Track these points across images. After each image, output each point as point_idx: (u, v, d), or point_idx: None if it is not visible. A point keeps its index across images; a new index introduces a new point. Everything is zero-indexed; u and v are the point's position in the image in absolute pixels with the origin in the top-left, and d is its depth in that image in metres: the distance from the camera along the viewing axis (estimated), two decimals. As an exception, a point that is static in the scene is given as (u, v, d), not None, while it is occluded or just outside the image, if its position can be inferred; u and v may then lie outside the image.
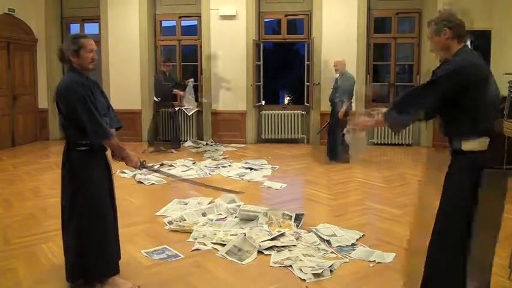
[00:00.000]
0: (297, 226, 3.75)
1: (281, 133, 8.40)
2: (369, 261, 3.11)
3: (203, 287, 2.80)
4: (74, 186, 2.66)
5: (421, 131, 7.92)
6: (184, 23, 8.84)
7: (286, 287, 2.79)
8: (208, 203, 4.42)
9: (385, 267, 3.02)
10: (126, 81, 8.58)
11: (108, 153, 2.82)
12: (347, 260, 3.13)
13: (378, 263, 3.08)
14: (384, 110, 2.30)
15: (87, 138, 2.61)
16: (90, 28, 9.02)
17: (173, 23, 8.82)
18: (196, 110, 8.32)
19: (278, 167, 6.30)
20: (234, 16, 8.24)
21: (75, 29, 9.10)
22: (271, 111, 8.45)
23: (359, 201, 4.69)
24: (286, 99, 16.76)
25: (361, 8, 7.93)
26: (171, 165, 6.31)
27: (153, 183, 5.38)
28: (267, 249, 3.26)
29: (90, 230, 2.66)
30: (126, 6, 8.48)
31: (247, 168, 6.16)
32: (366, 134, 2.54)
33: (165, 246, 3.40)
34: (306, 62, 8.45)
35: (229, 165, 6.32)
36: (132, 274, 2.95)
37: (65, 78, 2.69)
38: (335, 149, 6.46)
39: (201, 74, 8.52)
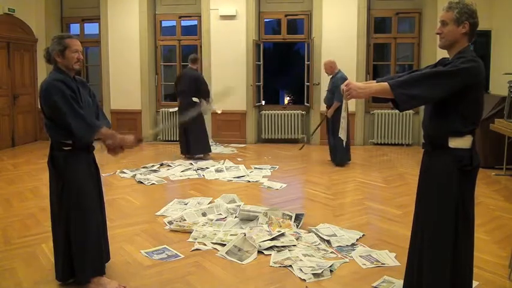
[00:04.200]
0: (297, 226, 3.74)
1: (281, 133, 8.41)
2: (369, 261, 3.11)
3: (203, 287, 2.80)
4: (60, 187, 2.63)
5: (421, 131, 7.90)
6: (184, 23, 8.84)
7: (286, 287, 2.79)
8: (208, 203, 4.42)
9: (385, 267, 3.02)
10: (126, 81, 8.59)
11: (97, 155, 2.80)
12: (347, 260, 3.13)
13: (378, 262, 3.08)
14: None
15: (71, 137, 2.56)
16: (90, 28, 9.03)
17: (173, 23, 8.82)
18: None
19: (278, 167, 6.30)
20: (234, 16, 8.24)
21: (75, 29, 9.10)
22: (271, 111, 8.45)
23: (359, 201, 4.69)
24: (286, 99, 16.77)
25: (361, 8, 7.93)
26: (169, 165, 6.31)
27: (153, 183, 5.38)
28: (267, 249, 3.26)
29: (77, 229, 2.63)
30: (126, 6, 8.48)
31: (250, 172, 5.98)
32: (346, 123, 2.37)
33: (165, 246, 3.40)
34: (306, 62, 8.46)
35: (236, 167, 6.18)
36: (132, 274, 2.95)
37: (48, 77, 2.66)
38: (334, 152, 6.45)
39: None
